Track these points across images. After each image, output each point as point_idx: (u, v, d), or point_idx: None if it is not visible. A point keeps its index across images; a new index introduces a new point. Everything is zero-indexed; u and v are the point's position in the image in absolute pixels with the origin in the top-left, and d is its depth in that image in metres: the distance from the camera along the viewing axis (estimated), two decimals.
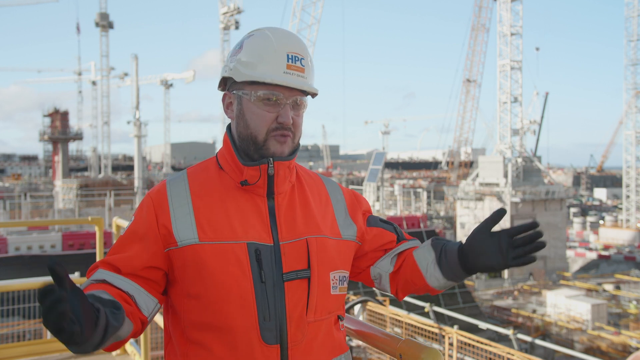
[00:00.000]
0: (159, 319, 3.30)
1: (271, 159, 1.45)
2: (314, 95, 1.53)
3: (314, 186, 1.60)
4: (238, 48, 1.50)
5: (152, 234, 1.44)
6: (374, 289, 2.37)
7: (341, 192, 1.65)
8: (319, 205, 1.56)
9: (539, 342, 11.85)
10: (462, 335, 8.47)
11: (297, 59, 1.45)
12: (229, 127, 1.56)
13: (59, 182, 41.01)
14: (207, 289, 1.38)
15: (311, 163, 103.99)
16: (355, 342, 11.75)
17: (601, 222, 57.32)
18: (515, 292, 34.39)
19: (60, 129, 50.20)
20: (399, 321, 9.76)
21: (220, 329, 1.37)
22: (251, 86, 1.45)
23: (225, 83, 1.54)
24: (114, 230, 4.28)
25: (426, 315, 12.44)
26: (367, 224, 1.63)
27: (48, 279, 8.04)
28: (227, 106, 1.54)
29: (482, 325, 12.45)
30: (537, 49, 60.97)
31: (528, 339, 12.21)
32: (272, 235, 1.44)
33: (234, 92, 1.50)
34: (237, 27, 45.68)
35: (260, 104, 1.45)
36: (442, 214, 51.61)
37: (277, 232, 1.44)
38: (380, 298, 12.42)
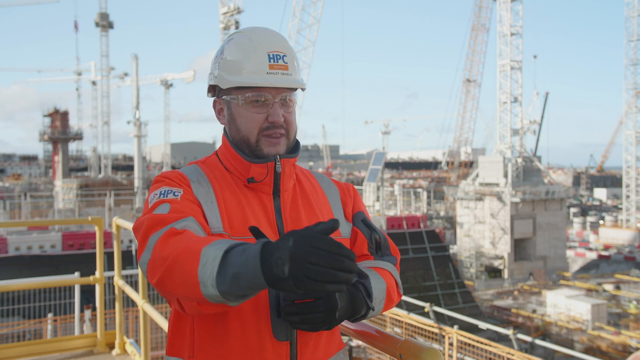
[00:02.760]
0: (158, 318, 3.29)
1: (278, 156, 1.46)
2: (303, 89, 1.52)
3: (310, 184, 1.60)
4: (220, 54, 1.50)
5: (197, 205, 1.41)
6: None
7: (336, 188, 1.65)
8: (317, 202, 1.56)
9: (539, 342, 11.81)
10: (462, 335, 8.47)
11: (278, 57, 1.45)
12: (225, 130, 1.56)
13: (59, 182, 40.98)
14: None
15: (311, 163, 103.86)
16: (355, 342, 11.74)
17: (601, 222, 57.31)
18: (515, 292, 34.39)
19: (60, 129, 50.13)
20: (399, 321, 9.76)
21: (233, 323, 1.37)
22: (238, 90, 1.46)
23: (214, 89, 1.54)
24: (114, 230, 4.27)
25: (426, 315, 12.42)
26: (351, 221, 1.61)
27: (48, 279, 8.00)
28: (218, 112, 1.55)
29: (482, 325, 12.42)
30: (535, 56, 60.70)
31: (528, 339, 12.16)
32: (279, 234, 1.45)
33: (223, 98, 1.50)
34: (237, 27, 45.63)
35: (249, 107, 1.45)
36: (442, 214, 51.57)
37: (283, 231, 1.45)
38: None
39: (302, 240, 1.03)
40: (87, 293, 8.51)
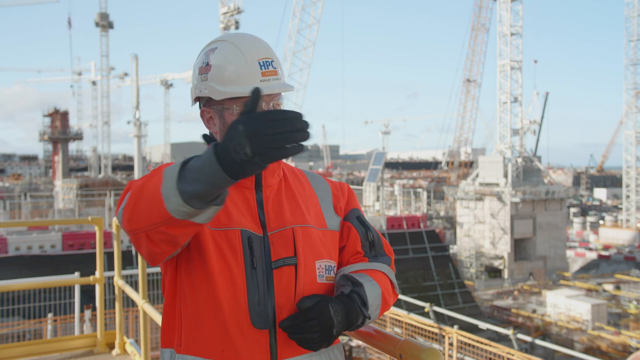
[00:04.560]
0: (158, 318, 3.30)
1: None
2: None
3: (297, 181, 1.62)
4: (205, 65, 1.49)
5: None
6: None
7: (327, 184, 1.67)
8: (303, 197, 1.58)
9: (539, 342, 11.82)
10: (462, 335, 8.47)
11: (268, 63, 1.47)
12: (213, 136, 1.56)
13: (59, 182, 40.99)
14: (201, 272, 1.41)
15: (311, 163, 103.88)
16: (355, 342, 11.75)
17: (601, 222, 57.32)
18: (515, 292, 34.41)
19: (60, 129, 50.16)
20: (399, 321, 9.76)
21: (212, 312, 1.41)
22: (231, 101, 1.46)
23: (200, 99, 1.54)
24: (114, 230, 4.28)
25: (426, 315, 12.43)
26: (344, 217, 1.62)
27: (48, 279, 7.99)
28: (207, 121, 1.54)
29: (482, 325, 12.43)
30: (535, 61, 60.83)
31: (528, 339, 12.18)
32: (261, 225, 1.48)
33: (213, 107, 1.50)
34: (237, 27, 45.58)
35: None
36: (442, 214, 51.60)
37: (265, 222, 1.48)
38: None
39: (250, 120, 1.09)
40: (87, 293, 8.51)
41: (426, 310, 11.69)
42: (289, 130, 1.09)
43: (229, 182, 1.13)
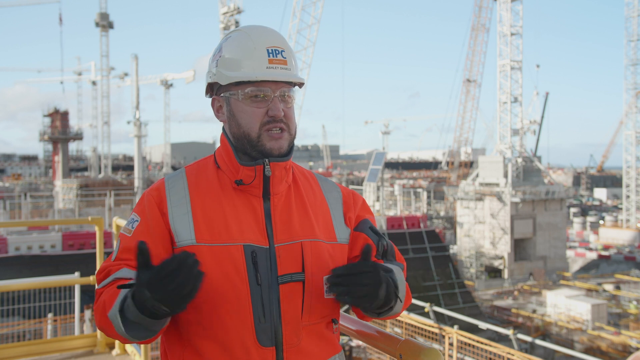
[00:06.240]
0: None
1: (267, 159, 1.45)
2: (300, 85, 1.52)
3: (309, 186, 1.58)
4: (218, 52, 1.50)
5: (159, 230, 1.44)
6: None
7: (339, 191, 1.62)
8: (314, 206, 1.54)
9: (539, 342, 11.86)
10: (462, 335, 8.47)
11: (277, 52, 1.45)
12: (224, 129, 1.55)
13: (59, 182, 40.98)
14: (202, 291, 1.35)
15: (311, 163, 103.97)
16: (355, 342, 11.76)
17: (601, 222, 57.30)
18: (515, 292, 34.39)
19: (60, 129, 50.12)
20: (399, 321, 9.76)
21: (215, 331, 1.37)
22: (237, 86, 1.46)
23: (212, 88, 1.54)
24: (114, 230, 4.28)
25: (426, 315, 12.43)
26: (355, 228, 1.58)
27: (48, 279, 7.97)
28: (217, 110, 1.54)
29: (482, 325, 12.45)
30: (538, 66, 60.95)
31: (528, 339, 12.21)
32: (268, 237, 1.43)
33: (222, 95, 1.50)
34: (237, 27, 45.63)
35: (249, 102, 1.45)
36: (442, 214, 51.56)
37: (273, 234, 1.44)
38: None
39: (152, 284, 1.18)
40: (87, 293, 8.51)
41: (426, 310, 11.70)
42: (187, 276, 1.18)
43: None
